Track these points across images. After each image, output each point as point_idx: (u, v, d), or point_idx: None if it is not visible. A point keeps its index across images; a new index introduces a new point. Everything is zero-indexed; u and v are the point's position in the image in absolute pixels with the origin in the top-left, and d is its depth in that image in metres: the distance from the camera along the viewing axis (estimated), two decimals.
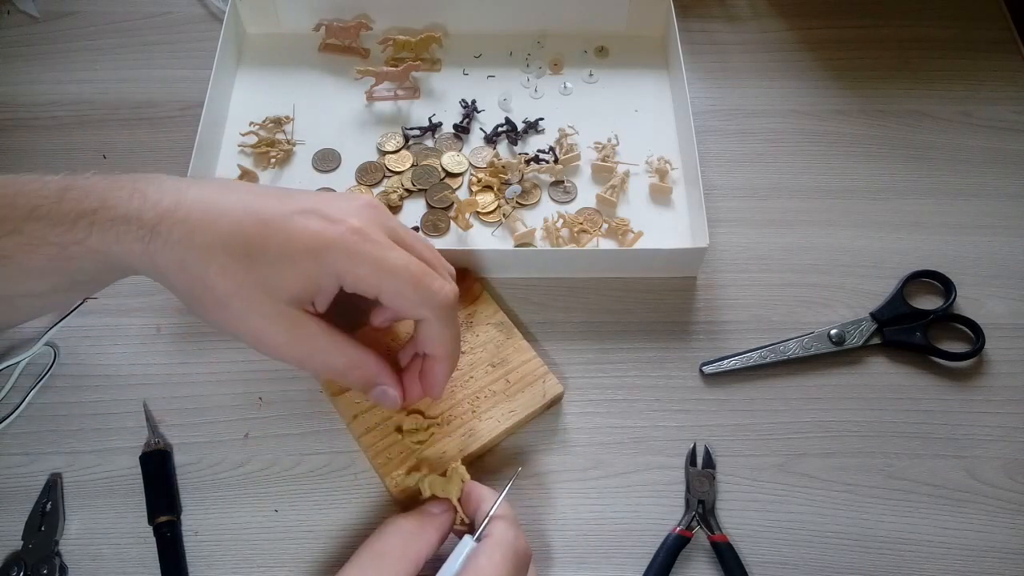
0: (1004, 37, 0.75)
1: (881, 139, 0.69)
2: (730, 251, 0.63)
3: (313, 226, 0.41)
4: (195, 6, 0.75)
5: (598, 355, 0.58)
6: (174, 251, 0.40)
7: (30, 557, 0.49)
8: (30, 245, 0.40)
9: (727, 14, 0.77)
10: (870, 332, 0.59)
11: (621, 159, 0.66)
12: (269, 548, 0.51)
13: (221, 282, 0.40)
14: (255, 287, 0.40)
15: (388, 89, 0.69)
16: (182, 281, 0.41)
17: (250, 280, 0.40)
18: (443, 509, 0.46)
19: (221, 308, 0.41)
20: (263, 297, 0.40)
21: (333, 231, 0.40)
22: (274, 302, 0.41)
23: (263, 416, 0.55)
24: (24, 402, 0.55)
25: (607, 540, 0.52)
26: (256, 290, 0.40)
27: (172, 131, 0.67)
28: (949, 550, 0.52)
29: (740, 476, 0.54)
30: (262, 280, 0.40)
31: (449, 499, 0.46)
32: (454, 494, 0.46)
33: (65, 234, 0.40)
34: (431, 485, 0.46)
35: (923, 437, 0.56)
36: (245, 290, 0.40)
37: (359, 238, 0.41)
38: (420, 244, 0.45)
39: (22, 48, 0.72)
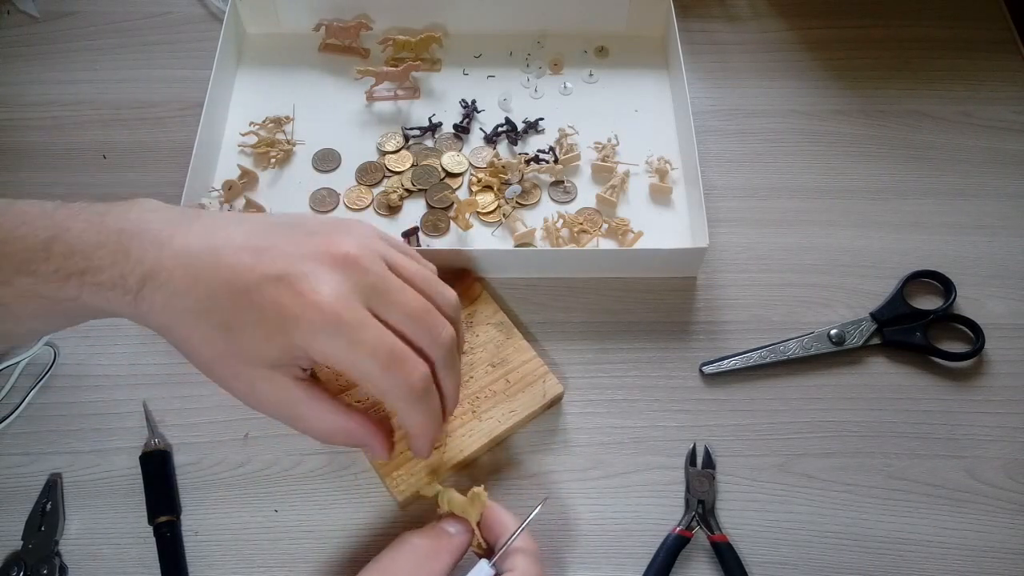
0: (1004, 37, 0.75)
1: (881, 139, 0.69)
2: (730, 251, 0.63)
3: (281, 300, 0.40)
4: (195, 6, 0.75)
5: (598, 355, 0.58)
6: (159, 317, 0.41)
7: (30, 557, 0.49)
8: (23, 297, 0.40)
9: (727, 14, 0.77)
10: (870, 332, 0.59)
11: (621, 159, 0.66)
12: (269, 548, 0.51)
13: (204, 350, 0.41)
14: (235, 357, 0.41)
15: (388, 89, 0.69)
16: (172, 340, 0.42)
17: (230, 350, 0.41)
18: (460, 530, 0.44)
19: (209, 371, 0.42)
20: (243, 366, 0.41)
21: (298, 309, 0.40)
22: (254, 368, 0.41)
23: (263, 416, 0.55)
24: (24, 402, 0.55)
25: (607, 540, 0.52)
26: (236, 359, 0.41)
27: (172, 131, 0.67)
28: (949, 550, 0.52)
29: (740, 476, 0.54)
30: (240, 350, 0.41)
31: (467, 520, 0.44)
32: (474, 517, 0.44)
33: (56, 291, 0.40)
34: (450, 502, 0.45)
35: (923, 437, 0.56)
36: (226, 359, 0.41)
37: (326, 317, 0.40)
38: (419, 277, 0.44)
39: (22, 48, 0.72)
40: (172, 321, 0.41)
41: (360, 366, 0.41)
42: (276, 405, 0.43)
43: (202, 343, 0.41)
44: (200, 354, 0.42)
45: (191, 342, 0.41)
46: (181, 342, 0.42)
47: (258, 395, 0.42)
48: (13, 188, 0.64)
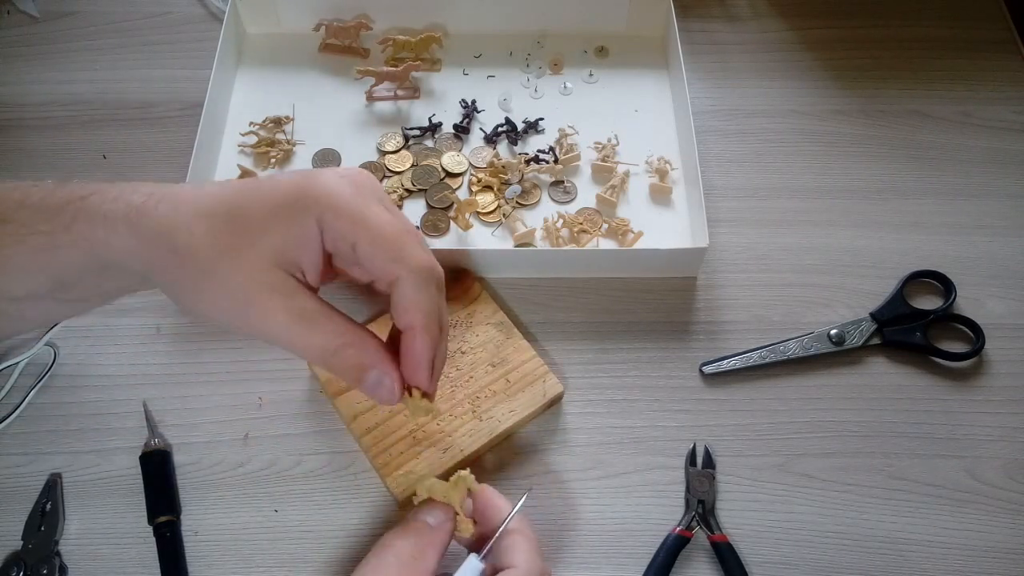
0: (1004, 37, 0.75)
1: (881, 139, 0.69)
2: (730, 251, 0.63)
3: (295, 178, 0.40)
4: (195, 6, 0.75)
5: (598, 355, 0.58)
6: (159, 224, 0.38)
7: (30, 557, 0.49)
8: (17, 234, 0.38)
9: (727, 14, 0.77)
10: (870, 332, 0.59)
11: (621, 159, 0.66)
12: (269, 548, 0.51)
13: (206, 244, 0.38)
14: (240, 247, 0.38)
15: (388, 89, 0.69)
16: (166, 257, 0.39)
17: (235, 241, 0.38)
18: (441, 519, 0.42)
19: (207, 279, 0.38)
20: (250, 257, 0.38)
21: (313, 182, 0.39)
22: (261, 263, 0.38)
23: (263, 416, 0.55)
24: (24, 402, 0.55)
25: (607, 540, 0.52)
26: (243, 250, 0.38)
27: (172, 131, 0.67)
28: (949, 550, 0.52)
29: (740, 476, 0.54)
30: (247, 239, 0.38)
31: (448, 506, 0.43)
32: (456, 501, 0.43)
33: (53, 219, 0.38)
34: (430, 490, 0.43)
35: (923, 437, 0.55)
36: (231, 251, 0.38)
37: (339, 189, 0.39)
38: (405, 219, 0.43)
39: (22, 48, 0.72)
40: (174, 224, 0.38)
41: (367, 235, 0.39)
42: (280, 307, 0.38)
43: (204, 237, 0.38)
44: (199, 253, 0.38)
45: (192, 242, 0.38)
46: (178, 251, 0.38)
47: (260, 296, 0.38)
48: None
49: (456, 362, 0.55)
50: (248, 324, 0.39)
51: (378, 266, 0.40)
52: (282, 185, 0.39)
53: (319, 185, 0.39)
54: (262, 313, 0.38)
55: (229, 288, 0.38)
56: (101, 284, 0.41)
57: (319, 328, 0.39)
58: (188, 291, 0.39)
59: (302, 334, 0.39)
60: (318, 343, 0.39)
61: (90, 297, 0.42)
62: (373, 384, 0.41)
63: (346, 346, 0.40)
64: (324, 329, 0.39)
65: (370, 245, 0.39)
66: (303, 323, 0.39)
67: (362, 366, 0.40)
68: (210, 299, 0.39)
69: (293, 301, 0.39)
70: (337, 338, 0.39)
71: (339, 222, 0.39)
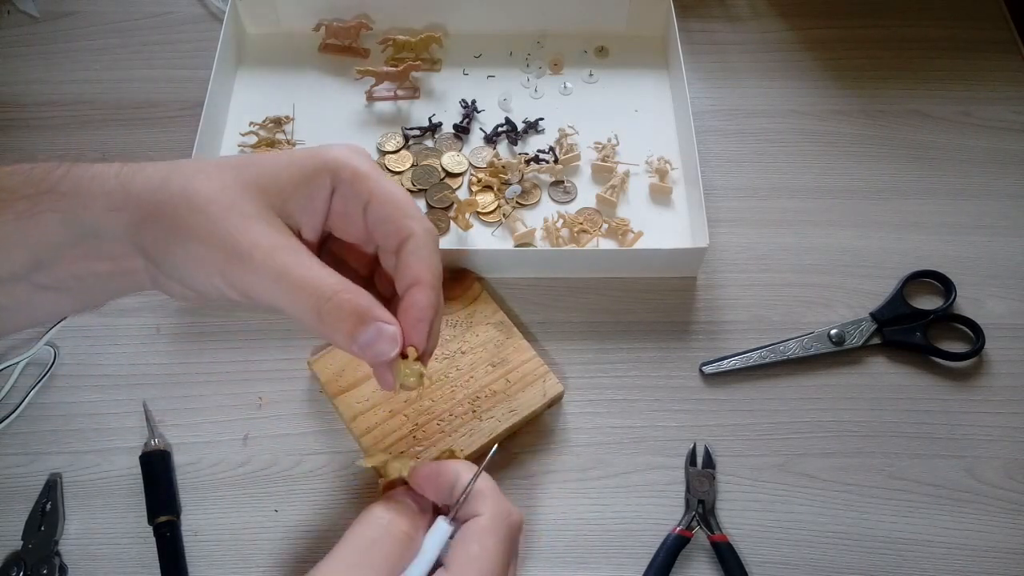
0: (1004, 37, 0.75)
1: (881, 139, 0.69)
2: (730, 251, 0.63)
3: (307, 148, 0.40)
4: (195, 6, 0.75)
5: (598, 355, 0.58)
6: (154, 175, 0.37)
7: (30, 557, 0.49)
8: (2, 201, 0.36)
9: (727, 14, 0.77)
10: (870, 332, 0.59)
11: (621, 159, 0.66)
12: (269, 548, 0.51)
13: (204, 187, 0.36)
14: (242, 186, 0.37)
15: (388, 89, 0.69)
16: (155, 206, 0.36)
17: (238, 181, 0.37)
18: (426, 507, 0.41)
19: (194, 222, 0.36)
20: (248, 200, 0.37)
21: (327, 149, 0.40)
22: (258, 206, 0.37)
23: (263, 416, 0.55)
24: (24, 402, 0.55)
25: (607, 540, 0.52)
26: (242, 192, 0.37)
27: (172, 131, 0.67)
28: (949, 550, 0.52)
29: (740, 476, 0.54)
30: (252, 181, 0.37)
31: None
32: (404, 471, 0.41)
33: (38, 184, 0.36)
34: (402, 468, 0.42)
35: (923, 437, 0.55)
36: (230, 193, 0.36)
37: (352, 154, 0.39)
38: None
39: (22, 48, 0.72)
40: (171, 173, 0.37)
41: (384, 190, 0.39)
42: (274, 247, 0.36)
43: (204, 180, 0.36)
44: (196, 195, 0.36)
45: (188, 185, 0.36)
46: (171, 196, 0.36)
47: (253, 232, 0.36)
48: None
49: (456, 362, 0.55)
50: (233, 275, 0.36)
51: (387, 226, 0.39)
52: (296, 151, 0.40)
53: (335, 150, 0.39)
54: (247, 257, 0.36)
55: (218, 232, 0.36)
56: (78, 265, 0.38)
57: (314, 272, 0.36)
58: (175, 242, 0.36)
59: (296, 277, 0.36)
60: (313, 286, 0.36)
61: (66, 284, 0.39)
62: (370, 338, 0.37)
63: (343, 291, 0.36)
64: (319, 273, 0.36)
65: (382, 204, 0.39)
66: (292, 267, 0.36)
67: (360, 313, 0.36)
68: (198, 247, 0.36)
69: (282, 243, 0.37)
70: (333, 284, 0.36)
71: (355, 181, 0.39)
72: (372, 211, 0.39)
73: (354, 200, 0.39)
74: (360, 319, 0.36)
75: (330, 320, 0.36)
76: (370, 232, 0.40)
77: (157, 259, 0.37)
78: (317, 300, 0.36)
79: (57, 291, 0.39)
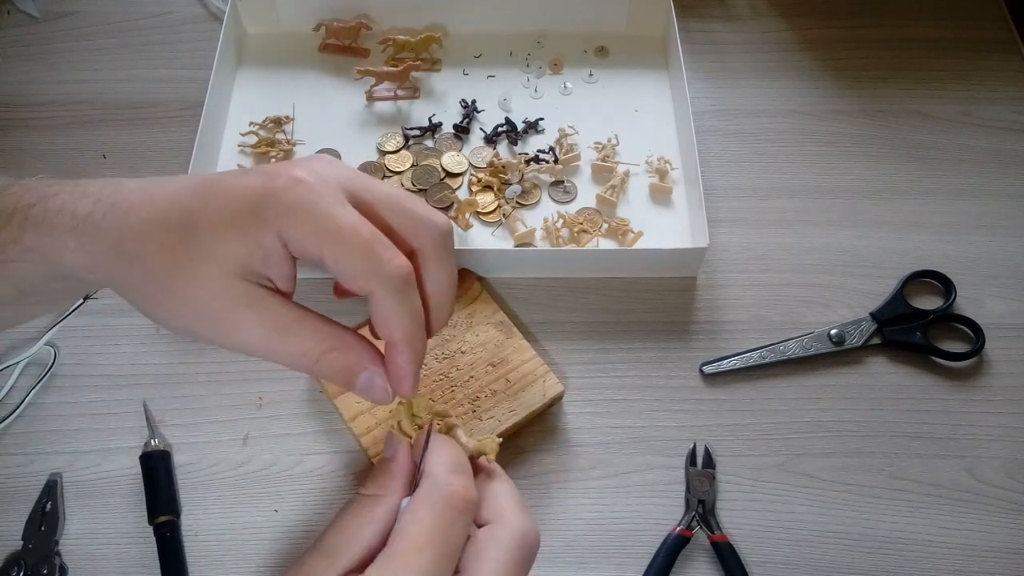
0: (1004, 37, 0.75)
1: (881, 139, 0.69)
2: (730, 251, 0.63)
3: (252, 182, 0.36)
4: (195, 6, 0.75)
5: (598, 355, 0.58)
6: (107, 236, 0.35)
7: (30, 557, 0.49)
8: None
9: (727, 14, 0.77)
10: (870, 332, 0.59)
11: (621, 159, 0.66)
12: (269, 548, 0.51)
13: (160, 262, 0.35)
14: (199, 260, 0.35)
15: (388, 89, 0.69)
16: (120, 271, 0.36)
17: (191, 254, 0.35)
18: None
19: (167, 295, 0.36)
20: (209, 271, 0.35)
21: (271, 183, 0.36)
22: (223, 275, 0.35)
23: (263, 416, 0.55)
24: (24, 402, 0.55)
25: (607, 540, 0.52)
26: (200, 264, 0.35)
27: (172, 131, 0.67)
28: (949, 550, 0.52)
29: (740, 476, 0.54)
30: (204, 251, 0.35)
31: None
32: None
33: (2, 231, 0.36)
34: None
35: (923, 437, 0.55)
36: (189, 266, 0.35)
37: (301, 190, 0.35)
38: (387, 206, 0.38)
39: (22, 48, 0.72)
40: (123, 237, 0.35)
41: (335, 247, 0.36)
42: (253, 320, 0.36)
43: (157, 253, 0.35)
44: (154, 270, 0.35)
45: (145, 258, 0.35)
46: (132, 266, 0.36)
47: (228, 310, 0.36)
48: None
49: (456, 362, 0.55)
50: (219, 338, 0.36)
51: (348, 279, 0.37)
52: (240, 190, 0.36)
53: (278, 190, 0.36)
54: (233, 328, 0.36)
55: (192, 303, 0.36)
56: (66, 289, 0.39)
57: (297, 336, 0.36)
58: (151, 305, 0.37)
59: (280, 345, 0.36)
60: (298, 352, 0.37)
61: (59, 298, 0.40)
62: (365, 386, 0.38)
63: (329, 351, 0.37)
64: (303, 336, 0.36)
65: (337, 258, 0.36)
66: (279, 333, 0.36)
67: (349, 369, 0.38)
68: (175, 313, 0.36)
69: (265, 311, 0.36)
70: (318, 344, 0.37)
71: (302, 233, 0.35)
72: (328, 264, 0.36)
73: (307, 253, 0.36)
74: (352, 374, 0.38)
75: (324, 376, 0.38)
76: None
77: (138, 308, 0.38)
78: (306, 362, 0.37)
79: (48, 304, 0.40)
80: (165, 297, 0.36)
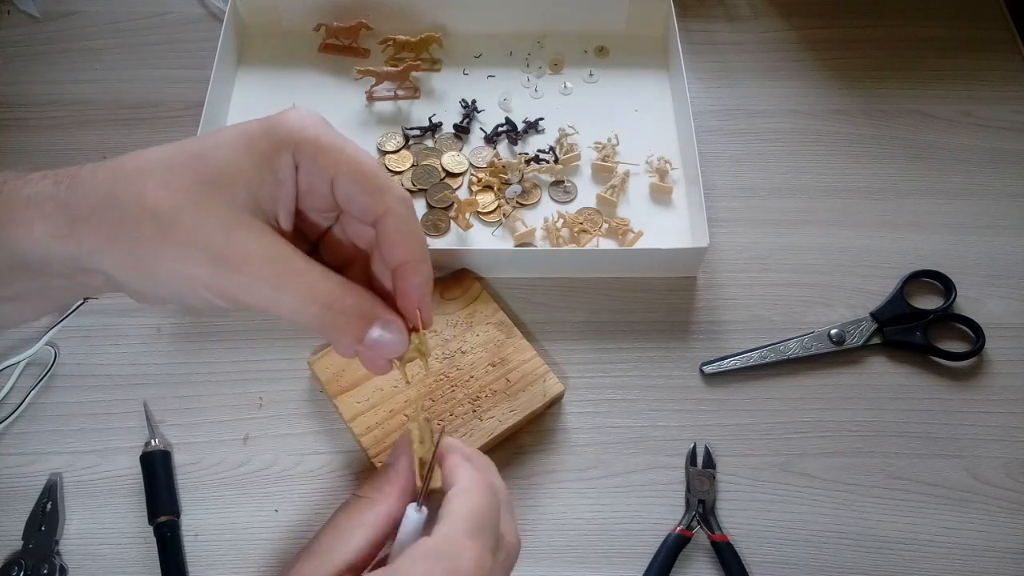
0: (1004, 37, 0.75)
1: (881, 139, 0.69)
2: (730, 251, 0.63)
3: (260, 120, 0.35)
4: (195, 6, 0.75)
5: (598, 355, 0.58)
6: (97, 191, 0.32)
7: (30, 557, 0.49)
8: None
9: (727, 14, 0.77)
10: (870, 332, 0.59)
11: (621, 159, 0.66)
12: (269, 548, 0.51)
13: (163, 196, 0.32)
14: (209, 195, 0.32)
15: (388, 89, 0.69)
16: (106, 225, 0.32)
17: (202, 188, 0.32)
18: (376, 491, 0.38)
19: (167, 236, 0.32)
20: (220, 203, 0.33)
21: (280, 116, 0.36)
22: (233, 208, 0.33)
23: (263, 416, 0.55)
24: (24, 402, 0.55)
25: (607, 540, 0.52)
26: (211, 198, 0.32)
27: (172, 131, 0.67)
28: (949, 550, 0.52)
29: (740, 476, 0.54)
30: (216, 185, 0.33)
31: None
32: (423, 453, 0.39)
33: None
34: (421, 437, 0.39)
35: (923, 437, 0.56)
36: (195, 197, 0.32)
37: (310, 121, 0.36)
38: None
39: (22, 48, 0.72)
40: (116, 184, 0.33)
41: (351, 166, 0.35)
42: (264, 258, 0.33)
43: (160, 188, 0.32)
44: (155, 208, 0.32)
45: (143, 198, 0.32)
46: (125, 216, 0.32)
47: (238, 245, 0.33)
48: None
49: (456, 362, 0.55)
50: (223, 279, 0.33)
51: (360, 200, 0.36)
52: (249, 124, 0.35)
53: (290, 120, 0.35)
54: (241, 263, 0.33)
55: (198, 239, 0.32)
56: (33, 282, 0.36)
57: (307, 277, 0.34)
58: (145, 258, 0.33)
59: (291, 285, 0.33)
60: (308, 295, 0.34)
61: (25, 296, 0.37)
62: (378, 338, 0.35)
63: (344, 295, 0.34)
64: (314, 277, 0.34)
65: (352, 177, 0.35)
66: (291, 276, 0.33)
67: (364, 316, 0.35)
68: (175, 257, 0.33)
69: (275, 250, 0.33)
70: (331, 287, 0.34)
71: (318, 155, 0.35)
72: (341, 186, 0.35)
73: (319, 176, 0.35)
74: (365, 322, 0.35)
75: (334, 326, 0.35)
76: (340, 206, 0.37)
77: (124, 281, 0.34)
78: (319, 309, 0.34)
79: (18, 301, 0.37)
80: (164, 237, 0.32)
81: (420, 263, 0.37)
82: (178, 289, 0.34)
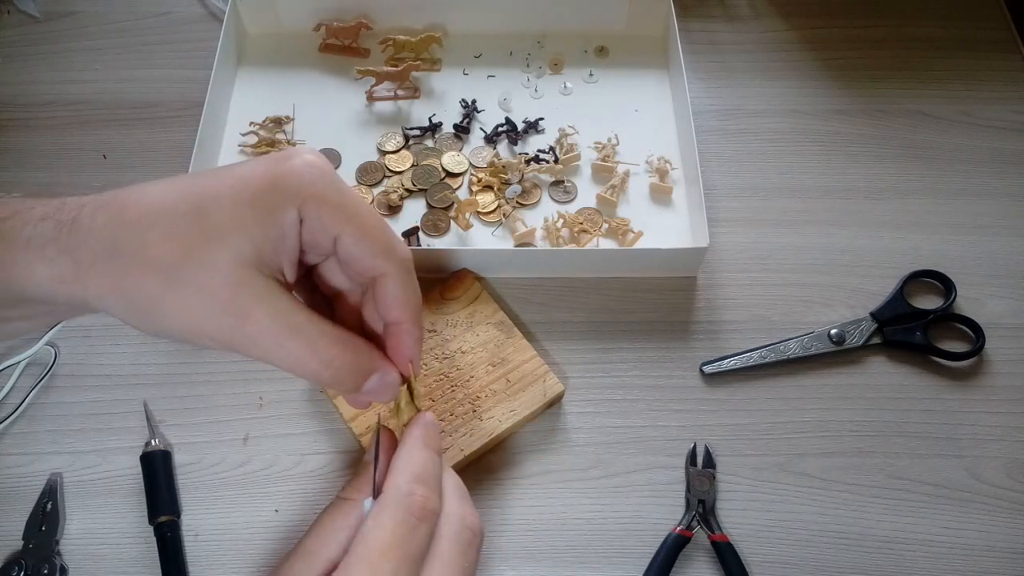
0: (1004, 37, 0.75)
1: (881, 139, 0.69)
2: (730, 251, 0.63)
3: (265, 164, 0.35)
4: (195, 6, 0.75)
5: (598, 355, 0.58)
6: (99, 236, 0.32)
7: (30, 557, 0.49)
8: None
9: (727, 14, 0.77)
10: (870, 332, 0.59)
11: (621, 159, 0.66)
12: (269, 548, 0.51)
13: (167, 249, 0.32)
14: (211, 245, 0.32)
15: (388, 89, 0.69)
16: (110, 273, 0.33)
17: (203, 237, 0.32)
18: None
19: (171, 287, 0.32)
20: (222, 257, 0.33)
21: (287, 163, 0.35)
22: (236, 262, 0.33)
23: (263, 416, 0.55)
24: (24, 402, 0.55)
25: (607, 540, 0.52)
26: (213, 249, 0.32)
27: (172, 131, 0.67)
28: (949, 550, 0.52)
29: (740, 476, 0.54)
30: (218, 235, 0.33)
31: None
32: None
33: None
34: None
35: (923, 437, 0.56)
36: (200, 251, 0.32)
37: (317, 172, 0.35)
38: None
39: (22, 48, 0.72)
40: (119, 233, 0.32)
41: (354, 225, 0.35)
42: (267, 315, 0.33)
43: (163, 241, 0.32)
44: (159, 260, 0.32)
45: (146, 250, 0.32)
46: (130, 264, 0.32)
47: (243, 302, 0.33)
48: (13, 188, 0.64)
49: (456, 362, 0.55)
50: (225, 333, 0.34)
51: (363, 261, 0.37)
52: (253, 172, 0.35)
53: (295, 172, 0.35)
54: (242, 320, 0.33)
55: (201, 293, 0.33)
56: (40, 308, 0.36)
57: (307, 336, 0.34)
58: (149, 305, 0.33)
59: (290, 344, 0.34)
60: (308, 353, 0.35)
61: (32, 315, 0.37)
62: (375, 386, 0.38)
63: (343, 353, 0.36)
64: (313, 337, 0.35)
65: (356, 238, 0.36)
66: (289, 332, 0.34)
67: (360, 371, 0.37)
68: (179, 308, 0.33)
69: (277, 306, 0.34)
70: (329, 346, 0.35)
71: (323, 213, 0.35)
72: (344, 245, 0.36)
73: (324, 233, 0.36)
74: (363, 376, 0.37)
75: (334, 382, 0.36)
76: (340, 260, 0.38)
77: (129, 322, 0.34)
78: (319, 365, 0.35)
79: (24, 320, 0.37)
80: (168, 291, 0.33)
81: (413, 325, 0.38)
82: (182, 335, 0.34)
